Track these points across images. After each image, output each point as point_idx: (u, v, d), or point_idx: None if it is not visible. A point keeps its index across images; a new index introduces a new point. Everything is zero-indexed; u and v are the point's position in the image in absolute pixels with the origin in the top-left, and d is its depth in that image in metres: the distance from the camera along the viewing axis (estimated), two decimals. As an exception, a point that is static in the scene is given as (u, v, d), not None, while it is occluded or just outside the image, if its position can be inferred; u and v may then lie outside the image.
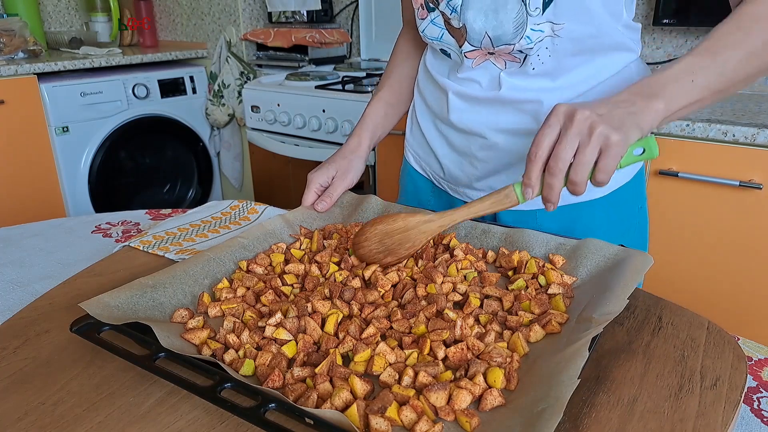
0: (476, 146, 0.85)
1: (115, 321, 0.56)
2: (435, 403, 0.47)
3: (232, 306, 0.62)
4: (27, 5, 2.62)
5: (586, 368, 0.53)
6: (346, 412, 0.45)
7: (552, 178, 0.58)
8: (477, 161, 0.86)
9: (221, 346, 0.55)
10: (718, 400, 0.50)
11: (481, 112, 0.82)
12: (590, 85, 0.78)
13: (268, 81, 2.28)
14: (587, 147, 0.56)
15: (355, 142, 0.94)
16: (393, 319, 0.59)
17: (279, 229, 0.80)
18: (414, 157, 0.99)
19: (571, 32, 0.73)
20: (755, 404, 0.60)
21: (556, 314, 0.59)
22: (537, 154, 0.58)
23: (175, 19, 2.88)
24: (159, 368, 0.51)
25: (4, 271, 0.84)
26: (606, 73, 0.78)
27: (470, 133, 0.85)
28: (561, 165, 0.57)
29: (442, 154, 0.91)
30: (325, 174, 0.88)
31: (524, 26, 0.73)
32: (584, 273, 0.67)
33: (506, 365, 0.51)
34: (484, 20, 0.75)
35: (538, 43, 0.74)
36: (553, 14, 0.72)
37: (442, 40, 0.82)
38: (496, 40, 0.76)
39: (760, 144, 1.25)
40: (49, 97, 2.31)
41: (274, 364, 0.52)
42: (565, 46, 0.75)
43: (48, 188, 2.40)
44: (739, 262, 1.35)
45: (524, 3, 0.72)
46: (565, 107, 0.58)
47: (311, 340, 0.56)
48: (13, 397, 0.51)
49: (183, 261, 0.69)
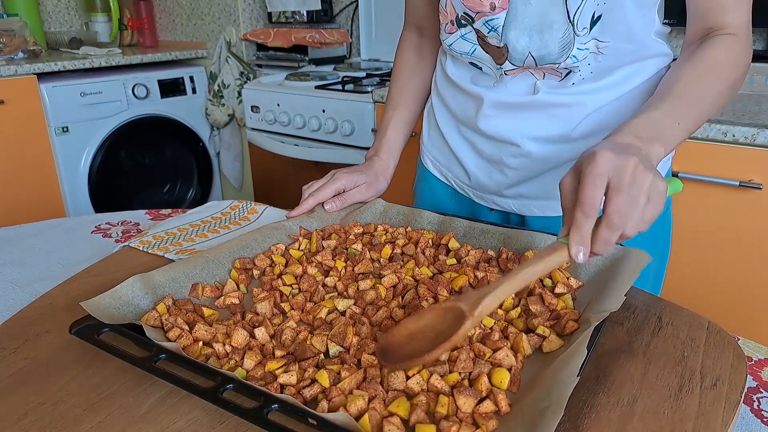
0: (507, 154, 0.82)
1: (114, 321, 0.56)
2: (462, 407, 0.46)
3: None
4: (27, 5, 2.62)
5: (586, 368, 0.53)
6: (359, 421, 0.45)
7: (612, 234, 0.53)
8: (508, 169, 0.84)
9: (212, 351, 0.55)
10: (718, 400, 0.50)
11: (514, 118, 0.80)
12: (628, 88, 0.76)
13: (268, 81, 2.28)
14: (640, 197, 0.52)
15: (383, 164, 0.93)
16: (396, 318, 0.59)
17: (278, 229, 0.80)
18: (433, 162, 0.97)
19: (615, 50, 0.73)
20: (755, 404, 0.60)
21: (570, 313, 0.58)
22: (593, 208, 0.52)
23: (175, 19, 2.88)
24: (160, 370, 0.50)
25: (4, 271, 0.84)
26: (643, 76, 0.77)
27: (501, 140, 0.82)
28: (623, 220, 0.52)
29: (468, 161, 0.88)
30: (354, 180, 0.87)
31: (571, 46, 0.72)
32: (584, 274, 0.67)
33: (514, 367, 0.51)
34: (528, 40, 0.73)
35: (582, 61, 0.73)
36: (599, 32, 0.71)
37: (473, 55, 0.79)
38: (540, 59, 0.74)
39: (760, 144, 1.25)
40: (49, 97, 2.31)
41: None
42: (608, 63, 0.74)
43: (48, 188, 2.40)
44: (739, 262, 1.35)
45: (572, 23, 0.70)
46: (610, 156, 0.53)
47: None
48: (12, 397, 0.51)
49: (181, 261, 0.69)
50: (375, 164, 0.93)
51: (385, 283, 0.66)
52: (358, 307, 0.62)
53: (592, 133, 0.78)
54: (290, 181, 2.25)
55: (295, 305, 0.63)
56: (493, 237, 0.76)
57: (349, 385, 0.49)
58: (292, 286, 0.67)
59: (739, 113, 1.36)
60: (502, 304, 0.61)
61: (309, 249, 0.76)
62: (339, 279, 0.68)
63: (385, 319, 0.59)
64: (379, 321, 0.59)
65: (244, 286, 0.69)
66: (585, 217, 0.52)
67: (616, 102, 0.77)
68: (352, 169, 0.89)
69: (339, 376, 0.50)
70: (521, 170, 0.83)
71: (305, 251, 0.75)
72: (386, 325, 0.58)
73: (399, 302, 0.63)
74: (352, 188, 0.88)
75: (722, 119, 1.30)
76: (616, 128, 0.62)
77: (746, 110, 1.39)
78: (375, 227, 0.81)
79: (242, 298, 0.66)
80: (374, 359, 0.53)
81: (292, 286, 0.67)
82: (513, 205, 0.87)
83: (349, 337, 0.55)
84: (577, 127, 0.77)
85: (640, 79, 0.77)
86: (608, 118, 0.77)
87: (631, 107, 0.77)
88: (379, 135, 0.97)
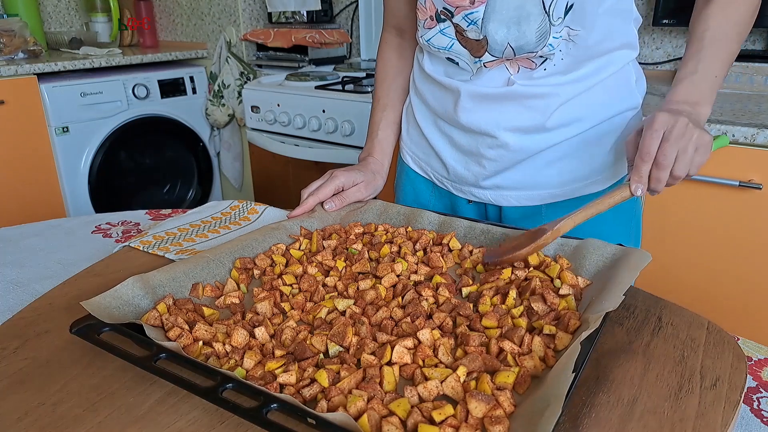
0: (484, 145, 0.85)
1: (114, 321, 0.56)
2: (473, 412, 0.46)
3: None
4: (27, 5, 2.62)
5: (586, 368, 0.53)
6: (358, 421, 0.44)
7: (661, 172, 0.67)
8: (485, 160, 0.86)
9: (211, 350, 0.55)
10: (718, 400, 0.50)
11: (490, 110, 0.83)
12: (596, 81, 0.80)
13: (268, 81, 2.28)
14: (689, 147, 0.67)
15: (378, 163, 0.96)
16: (396, 318, 0.59)
17: (278, 229, 0.80)
18: (412, 157, 0.99)
19: (585, 39, 0.76)
20: (755, 404, 0.60)
21: (570, 313, 0.58)
22: (649, 154, 0.67)
23: (175, 20, 2.88)
24: (160, 369, 0.50)
25: (4, 271, 0.84)
26: (611, 69, 0.81)
27: (478, 132, 0.85)
28: (668, 162, 0.67)
29: (446, 155, 0.91)
30: (352, 179, 0.89)
31: (547, 35, 0.75)
32: (585, 274, 0.67)
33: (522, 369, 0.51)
34: (506, 32, 0.76)
35: (556, 48, 0.77)
36: (571, 20, 0.74)
37: (451, 50, 0.82)
38: (519, 49, 0.77)
39: (760, 144, 1.25)
40: (49, 97, 2.31)
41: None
42: (578, 51, 0.77)
43: (48, 188, 2.40)
44: (738, 262, 1.35)
45: (547, 14, 0.74)
46: (666, 116, 0.67)
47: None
48: (13, 398, 0.51)
49: (182, 261, 0.69)
50: (370, 164, 0.95)
51: (385, 282, 0.66)
52: (358, 307, 0.62)
53: (565, 123, 0.82)
54: (290, 181, 2.25)
55: (295, 305, 0.63)
56: (494, 237, 0.76)
57: (349, 385, 0.49)
58: (292, 285, 0.67)
59: (738, 113, 1.36)
60: (506, 301, 0.62)
61: (309, 249, 0.76)
62: (339, 279, 0.68)
63: (384, 319, 0.59)
64: (379, 321, 0.59)
65: (244, 285, 0.69)
66: (642, 162, 0.67)
67: (586, 93, 0.81)
68: (349, 168, 0.90)
69: (338, 375, 0.51)
70: (498, 161, 0.85)
71: (306, 251, 0.75)
72: (385, 325, 0.58)
73: (399, 302, 0.63)
74: (350, 186, 0.89)
75: (722, 119, 1.30)
76: (668, 97, 0.75)
77: (746, 110, 1.39)
78: (375, 227, 0.81)
79: (242, 298, 0.66)
80: (374, 359, 0.53)
81: (292, 285, 0.67)
82: (490, 196, 0.90)
83: (349, 337, 0.55)
84: (551, 118, 0.81)
85: (606, 72, 0.81)
86: (579, 109, 0.81)
87: (599, 99, 0.81)
88: (370, 136, 1.00)
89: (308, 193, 0.87)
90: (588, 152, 0.84)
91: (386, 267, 0.69)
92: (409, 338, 0.55)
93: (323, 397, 0.48)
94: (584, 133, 0.83)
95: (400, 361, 0.53)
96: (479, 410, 0.46)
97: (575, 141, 0.83)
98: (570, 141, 0.83)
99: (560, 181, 0.86)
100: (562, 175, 0.86)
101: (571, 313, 0.58)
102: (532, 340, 0.54)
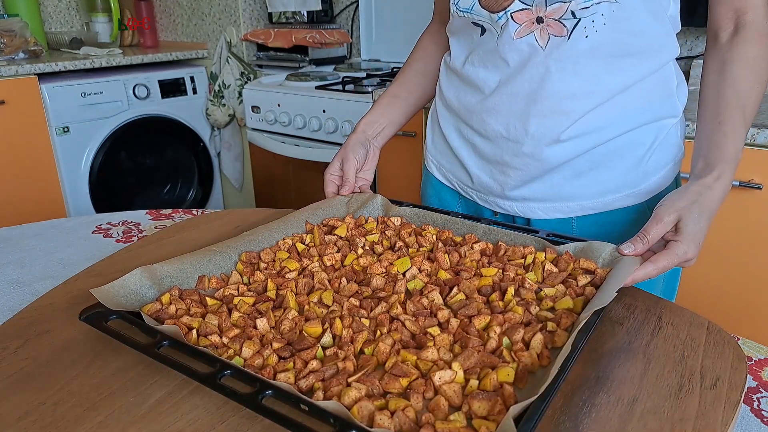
0: (508, 153, 0.81)
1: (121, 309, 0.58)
2: (476, 411, 0.46)
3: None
4: (27, 6, 2.62)
5: (586, 368, 0.54)
6: (351, 410, 0.45)
7: (655, 270, 0.65)
8: (509, 169, 0.82)
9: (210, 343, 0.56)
10: (718, 400, 0.50)
11: (514, 114, 0.78)
12: (629, 82, 0.76)
13: (269, 81, 2.28)
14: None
15: (361, 137, 0.96)
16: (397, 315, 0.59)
17: (285, 224, 0.81)
18: (437, 166, 0.96)
19: (631, 7, 0.71)
20: (755, 404, 0.60)
21: (565, 312, 0.58)
22: (647, 240, 0.67)
23: (176, 20, 2.88)
24: (162, 356, 0.51)
25: (4, 271, 0.84)
26: (651, 66, 0.77)
27: (501, 138, 0.81)
28: (667, 266, 0.65)
29: (470, 163, 0.87)
30: (333, 165, 0.92)
31: None
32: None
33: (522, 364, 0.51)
34: None
35: (596, 6, 0.70)
36: None
37: (473, 11, 0.78)
38: None
39: (760, 144, 1.25)
40: (50, 97, 2.31)
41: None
42: (621, 23, 0.71)
43: (48, 188, 2.40)
44: (739, 262, 1.35)
45: None
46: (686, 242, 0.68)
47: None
48: (13, 398, 0.51)
49: (189, 253, 0.70)
50: (351, 140, 0.95)
51: (385, 276, 0.67)
52: (356, 299, 0.62)
53: (591, 131, 0.77)
54: (291, 181, 2.25)
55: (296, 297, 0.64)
56: (495, 237, 0.76)
57: (346, 377, 0.49)
58: (294, 278, 0.68)
59: (739, 113, 1.35)
60: (504, 297, 0.62)
61: (313, 243, 0.77)
62: (339, 273, 0.69)
63: (384, 314, 0.59)
64: (378, 315, 0.60)
65: (248, 278, 0.69)
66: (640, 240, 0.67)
67: (621, 95, 0.76)
68: (344, 151, 0.93)
69: (336, 367, 0.51)
70: (524, 170, 0.81)
71: (309, 245, 0.76)
72: (382, 319, 0.59)
73: (399, 297, 0.63)
74: (341, 173, 0.93)
75: (722, 119, 1.30)
76: (696, 167, 0.73)
77: (746, 110, 1.39)
78: (376, 221, 0.82)
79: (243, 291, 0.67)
80: (377, 354, 0.53)
81: (294, 278, 0.68)
82: (517, 208, 0.86)
83: (348, 330, 0.56)
84: (576, 124, 0.76)
85: (646, 69, 0.76)
86: (606, 117, 0.76)
87: (636, 103, 0.77)
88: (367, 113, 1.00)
89: (335, 176, 0.92)
90: (622, 162, 0.79)
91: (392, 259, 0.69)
92: (410, 339, 0.56)
93: (320, 388, 0.49)
94: (617, 138, 0.78)
95: (400, 359, 0.53)
96: (483, 409, 0.46)
97: (607, 148, 0.78)
98: (601, 148, 0.78)
99: (591, 192, 0.81)
100: (592, 185, 0.80)
101: (564, 314, 0.58)
102: (533, 337, 0.54)
